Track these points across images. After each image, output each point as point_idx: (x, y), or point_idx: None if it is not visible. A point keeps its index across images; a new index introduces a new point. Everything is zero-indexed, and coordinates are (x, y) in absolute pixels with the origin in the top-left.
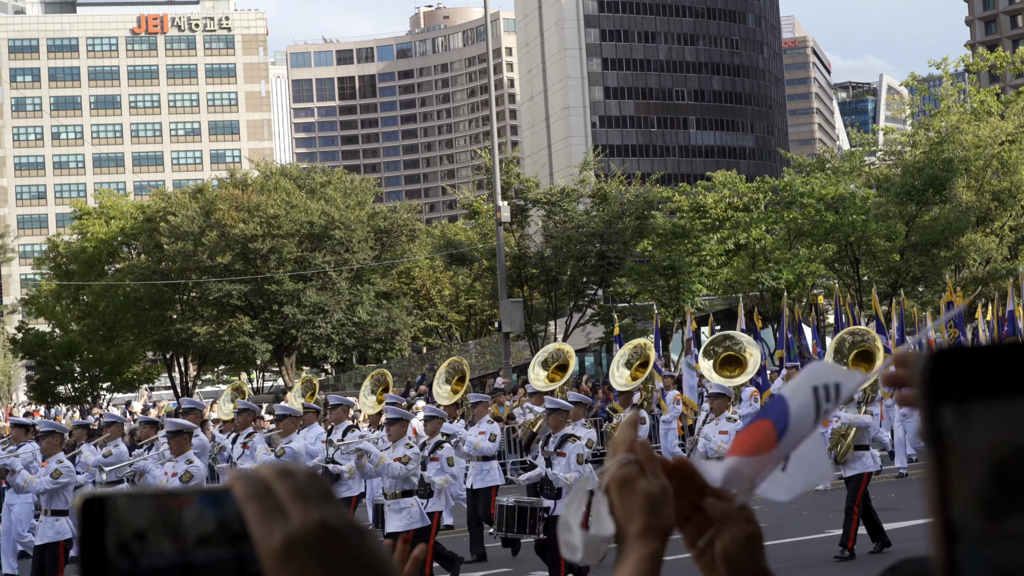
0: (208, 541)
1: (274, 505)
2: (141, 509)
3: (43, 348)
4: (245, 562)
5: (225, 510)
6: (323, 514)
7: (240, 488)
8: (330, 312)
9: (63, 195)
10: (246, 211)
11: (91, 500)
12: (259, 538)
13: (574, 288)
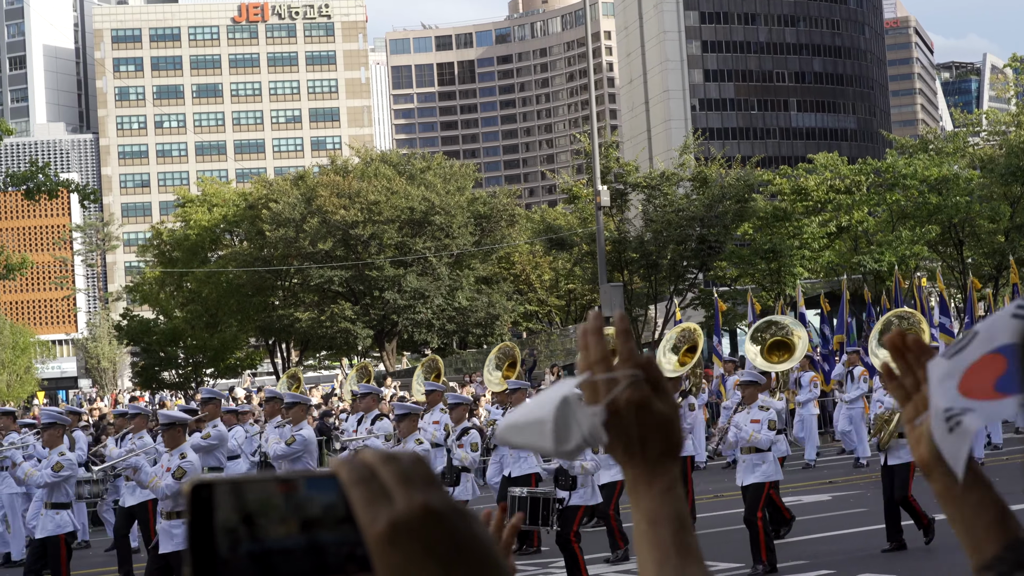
0: (314, 525)
1: (379, 489)
2: (248, 494)
3: (147, 335)
4: (351, 546)
5: (331, 495)
6: (427, 498)
7: (345, 473)
8: (430, 297)
9: (166, 183)
10: (347, 197)
11: (200, 486)
12: (364, 522)
13: (674, 272)
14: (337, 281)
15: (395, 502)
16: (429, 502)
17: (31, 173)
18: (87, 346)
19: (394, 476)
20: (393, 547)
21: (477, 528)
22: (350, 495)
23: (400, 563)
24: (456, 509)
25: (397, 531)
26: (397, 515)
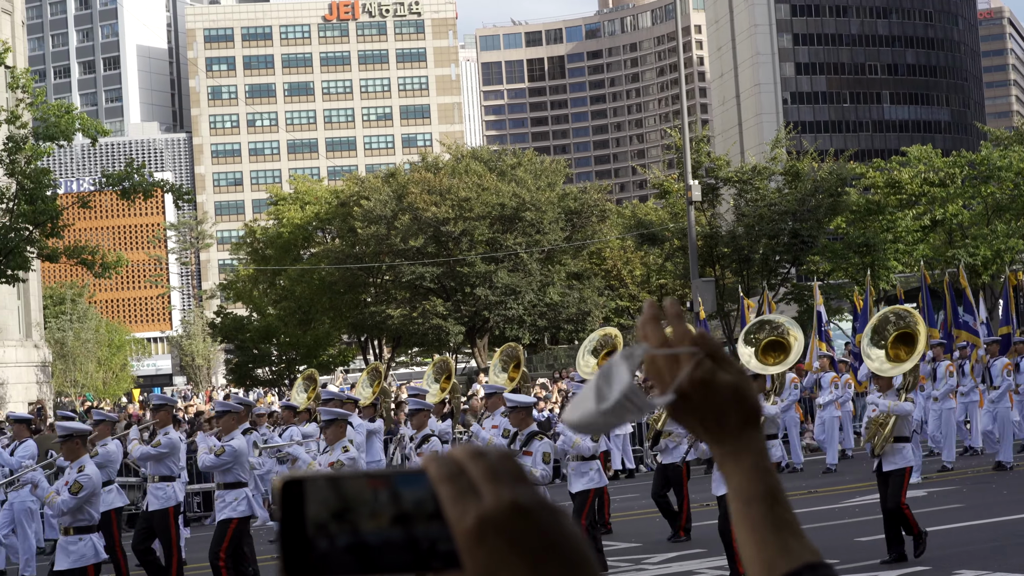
0: (403, 521)
1: (467, 486)
2: (339, 489)
3: (241, 332)
4: (440, 542)
5: (421, 491)
6: (515, 494)
7: (434, 469)
8: (522, 293)
9: (259, 181)
10: (438, 194)
11: (291, 482)
12: (453, 518)
13: (766, 267)
14: (429, 277)
15: (483, 498)
16: (517, 498)
17: (126, 173)
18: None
19: (482, 472)
20: (481, 543)
21: (566, 524)
22: (438, 491)
23: (488, 559)
24: (545, 505)
25: (485, 527)
26: (485, 511)
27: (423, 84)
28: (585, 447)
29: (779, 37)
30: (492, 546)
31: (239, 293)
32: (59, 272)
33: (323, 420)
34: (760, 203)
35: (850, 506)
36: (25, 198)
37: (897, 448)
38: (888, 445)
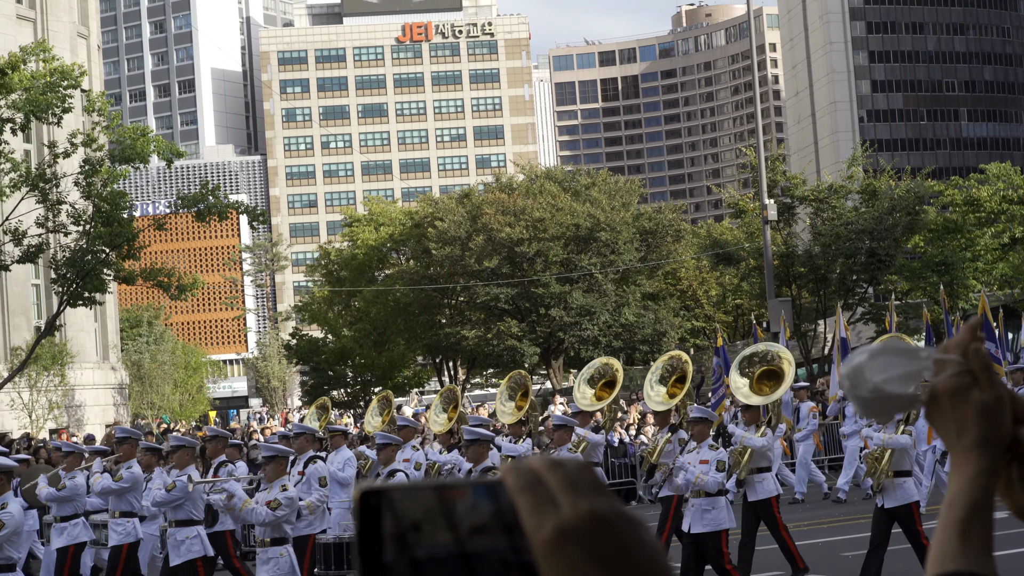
0: (481, 531)
1: (545, 496)
2: (417, 501)
3: (316, 354)
4: (517, 552)
5: (498, 501)
6: (593, 505)
7: (512, 479)
8: (597, 314)
9: (333, 203)
10: (512, 215)
11: (369, 492)
12: (531, 529)
13: (843, 286)
14: (503, 298)
15: (561, 508)
16: (595, 508)
17: (201, 195)
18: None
19: (560, 482)
20: (559, 554)
21: (645, 535)
22: (516, 502)
23: (566, 570)
24: (623, 515)
25: (563, 538)
26: (563, 521)
27: (497, 105)
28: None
29: (855, 55)
30: (570, 556)
31: (314, 315)
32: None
33: (263, 456)
34: (836, 222)
35: None
36: (102, 220)
37: (897, 483)
38: (887, 480)
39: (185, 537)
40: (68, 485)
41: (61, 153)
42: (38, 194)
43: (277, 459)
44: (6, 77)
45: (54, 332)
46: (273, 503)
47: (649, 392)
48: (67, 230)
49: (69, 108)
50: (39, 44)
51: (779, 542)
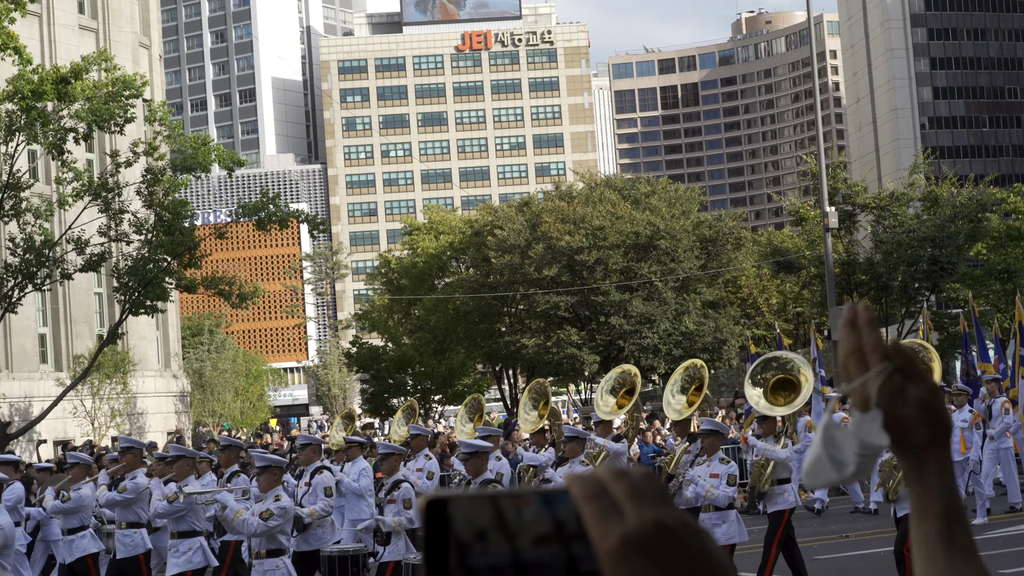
0: (546, 541)
1: (610, 505)
2: (482, 509)
3: (377, 362)
4: (582, 562)
5: (563, 510)
6: (659, 514)
7: (577, 488)
8: (657, 322)
9: (393, 211)
10: (572, 223)
11: (434, 501)
12: (596, 538)
13: (905, 294)
14: (563, 307)
15: (627, 518)
16: (661, 518)
17: (262, 204)
18: (318, 373)
19: (626, 492)
20: (624, 563)
21: (710, 545)
22: (581, 510)
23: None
24: (689, 525)
25: (629, 547)
26: (629, 531)
27: (556, 113)
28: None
29: (916, 61)
30: (635, 566)
31: (374, 323)
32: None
33: (257, 466)
34: (898, 230)
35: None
36: (163, 229)
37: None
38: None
39: (188, 548)
40: (73, 496)
41: (123, 162)
42: (100, 203)
43: (271, 469)
44: (69, 87)
45: (116, 340)
46: (265, 513)
47: (670, 400)
48: (129, 239)
49: (131, 118)
50: (101, 54)
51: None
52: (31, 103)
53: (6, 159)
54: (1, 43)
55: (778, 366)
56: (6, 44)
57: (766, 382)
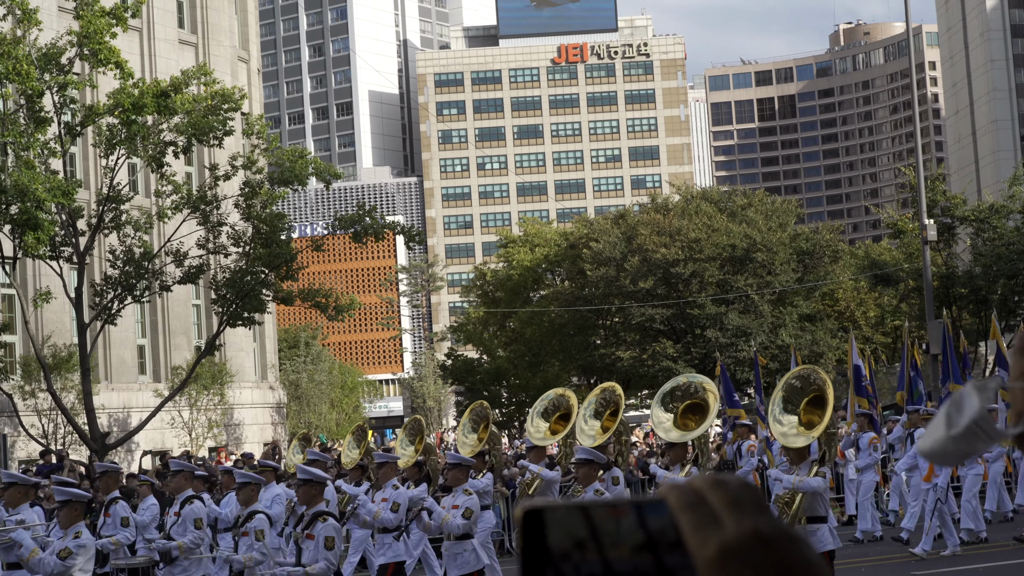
0: (644, 550)
1: (708, 514)
2: (580, 519)
3: (471, 374)
4: (680, 571)
5: (661, 520)
6: (756, 523)
7: (674, 498)
8: (753, 335)
9: (488, 224)
10: (667, 235)
11: (531, 511)
12: (694, 547)
13: (1005, 308)
14: (658, 319)
15: (724, 527)
16: (758, 527)
17: (359, 216)
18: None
19: (723, 501)
20: (723, 572)
21: (809, 553)
22: (679, 520)
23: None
24: (786, 534)
25: (727, 556)
26: (727, 540)
27: (652, 125)
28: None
29: (1017, 72)
30: (734, 574)
31: (469, 335)
32: (294, 315)
33: (57, 501)
34: (998, 242)
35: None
36: (261, 242)
37: (810, 530)
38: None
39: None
40: None
41: (222, 175)
42: (199, 216)
43: (71, 504)
44: (169, 100)
45: (214, 352)
46: (64, 552)
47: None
48: (227, 251)
49: (230, 131)
50: (200, 68)
51: None
52: (132, 117)
53: (107, 172)
54: (103, 57)
55: (684, 393)
56: (108, 58)
57: (676, 408)
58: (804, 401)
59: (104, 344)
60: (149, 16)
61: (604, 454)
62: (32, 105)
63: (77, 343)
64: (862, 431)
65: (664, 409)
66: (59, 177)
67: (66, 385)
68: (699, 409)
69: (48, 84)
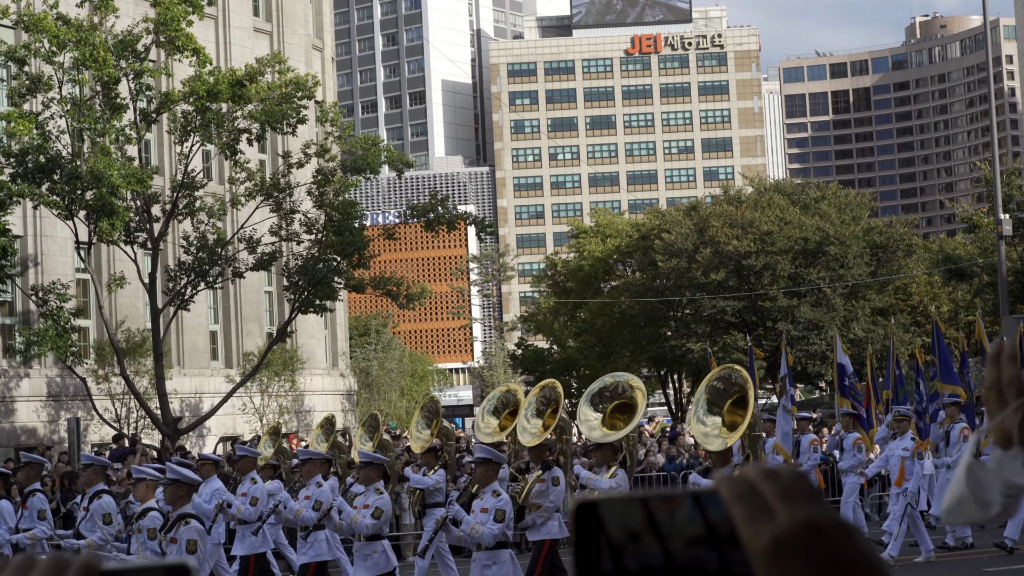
0: (698, 542)
1: (761, 505)
2: (634, 511)
3: (541, 364)
4: (732, 563)
5: (714, 512)
6: (809, 513)
7: (727, 489)
8: (824, 329)
9: (560, 214)
10: (740, 228)
11: (584, 504)
12: (747, 538)
13: None
14: (730, 311)
15: (777, 518)
16: (812, 517)
17: (431, 205)
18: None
19: (776, 492)
20: (776, 563)
21: (863, 544)
22: (732, 511)
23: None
24: (840, 524)
25: (780, 547)
26: (780, 531)
27: (725, 117)
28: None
29: None
30: (787, 565)
31: (540, 325)
32: (365, 303)
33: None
34: None
35: None
36: (333, 229)
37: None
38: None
39: None
40: None
41: (295, 163)
42: (272, 203)
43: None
44: (243, 89)
45: (285, 338)
46: None
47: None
48: (299, 238)
49: (303, 119)
50: (275, 56)
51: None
52: (206, 104)
53: (181, 159)
54: (179, 45)
55: (612, 394)
56: (184, 46)
57: (605, 409)
58: (728, 403)
59: (177, 329)
60: (225, 4)
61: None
62: (108, 92)
63: (150, 328)
64: (847, 431)
65: (593, 409)
66: (134, 164)
67: (139, 370)
68: (628, 409)
69: (124, 71)
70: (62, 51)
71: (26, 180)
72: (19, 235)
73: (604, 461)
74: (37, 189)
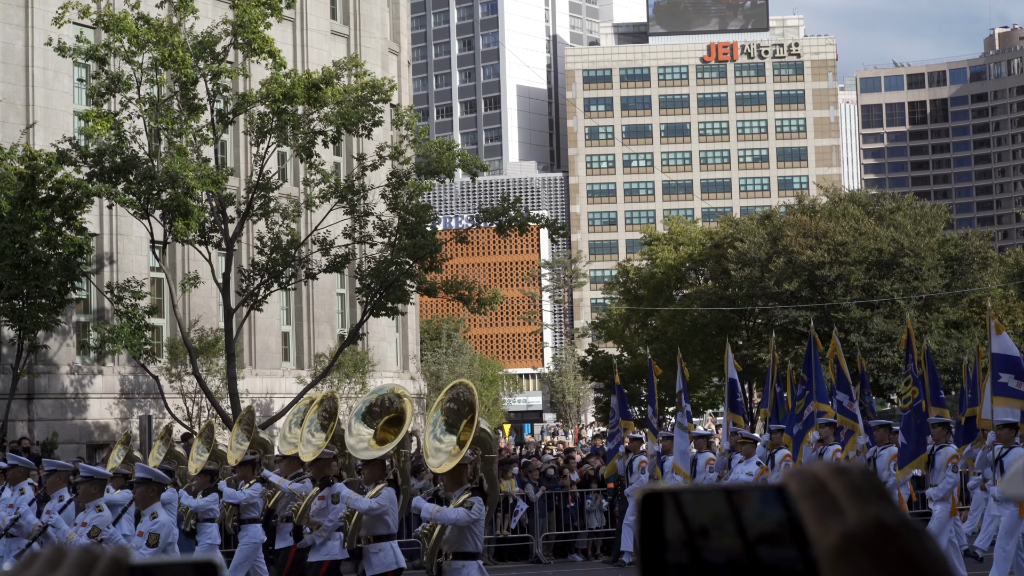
0: (765, 539)
1: (830, 502)
2: (700, 505)
3: (611, 371)
4: (801, 560)
5: (782, 508)
6: (879, 512)
7: (796, 485)
8: (897, 340)
9: (633, 221)
10: (813, 238)
11: (650, 495)
12: (815, 535)
13: None
14: (802, 322)
15: (847, 515)
16: (881, 516)
17: (503, 208)
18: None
19: (845, 489)
20: (844, 561)
21: (930, 545)
22: (800, 508)
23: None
24: (909, 524)
25: (849, 545)
26: (849, 529)
27: (801, 126)
28: None
29: None
30: (855, 564)
31: (611, 332)
32: (436, 306)
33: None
34: None
35: None
36: (406, 232)
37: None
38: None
39: None
40: None
41: (369, 166)
42: (346, 205)
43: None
44: (320, 91)
45: (357, 341)
46: None
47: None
48: (373, 241)
49: (379, 122)
50: (351, 59)
51: None
52: (282, 106)
53: (257, 160)
54: (257, 47)
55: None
56: (261, 48)
57: (376, 425)
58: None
59: (249, 330)
60: (302, 6)
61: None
62: (186, 92)
63: (223, 328)
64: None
65: (366, 425)
66: (209, 165)
67: (211, 369)
68: (398, 422)
69: (202, 72)
70: (141, 51)
71: (103, 179)
72: (95, 233)
73: (372, 478)
74: (113, 188)
